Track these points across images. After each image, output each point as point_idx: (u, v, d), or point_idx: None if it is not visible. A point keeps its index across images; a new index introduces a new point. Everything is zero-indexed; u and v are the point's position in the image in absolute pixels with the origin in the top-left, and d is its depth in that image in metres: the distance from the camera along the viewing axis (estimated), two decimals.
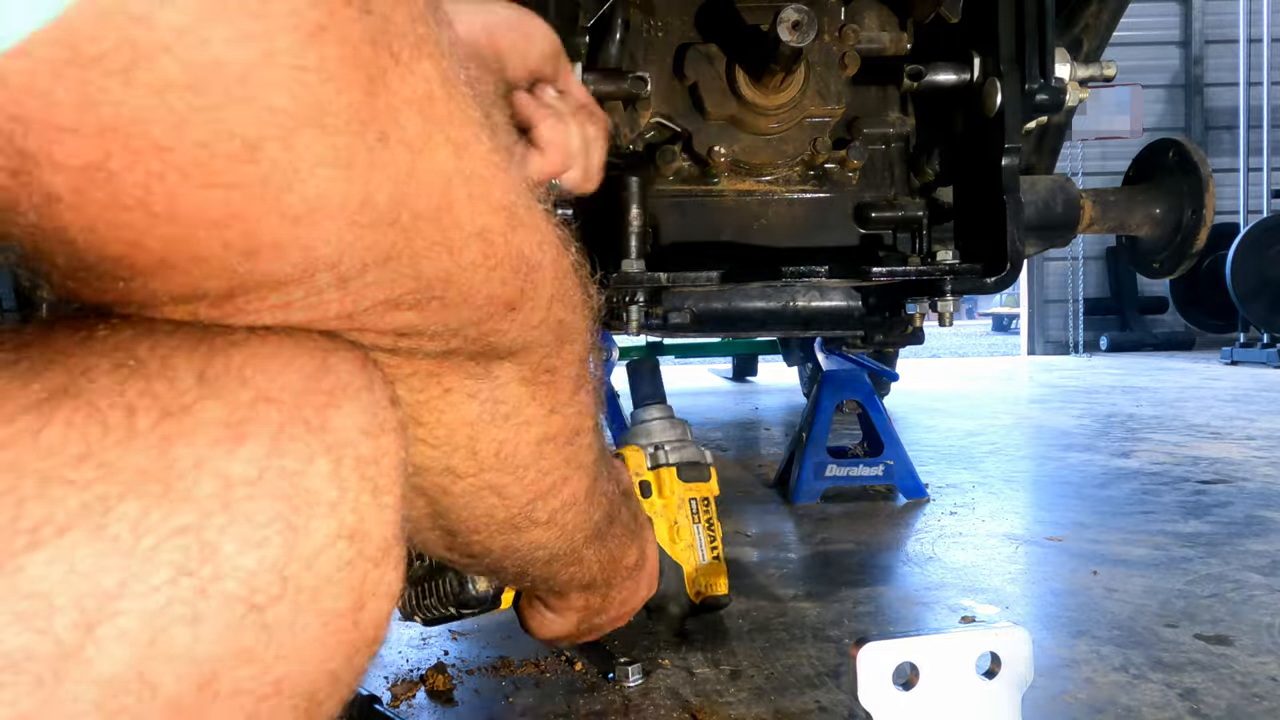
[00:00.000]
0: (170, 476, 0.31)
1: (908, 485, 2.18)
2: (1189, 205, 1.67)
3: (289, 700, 0.35)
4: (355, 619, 0.36)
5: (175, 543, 0.31)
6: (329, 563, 0.35)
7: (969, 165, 1.37)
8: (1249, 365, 6.94)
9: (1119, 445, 3.01)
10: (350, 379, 0.37)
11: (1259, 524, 1.85)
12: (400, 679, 1.12)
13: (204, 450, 0.32)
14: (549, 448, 0.56)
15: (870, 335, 1.70)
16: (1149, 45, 9.72)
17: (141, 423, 0.31)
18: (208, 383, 0.33)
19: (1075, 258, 9.80)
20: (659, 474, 1.17)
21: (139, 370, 0.32)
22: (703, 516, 1.18)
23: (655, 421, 1.23)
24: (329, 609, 0.35)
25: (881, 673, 0.67)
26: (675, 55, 1.38)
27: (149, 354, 0.33)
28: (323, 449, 0.35)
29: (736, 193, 1.47)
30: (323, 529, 0.35)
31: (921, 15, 1.39)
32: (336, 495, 0.35)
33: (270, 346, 0.35)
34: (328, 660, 0.36)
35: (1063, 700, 1.02)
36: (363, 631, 0.37)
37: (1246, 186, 8.11)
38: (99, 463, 0.30)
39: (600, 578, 0.77)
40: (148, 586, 0.30)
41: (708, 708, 1.03)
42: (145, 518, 0.31)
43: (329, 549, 0.35)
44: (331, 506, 0.35)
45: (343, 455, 0.36)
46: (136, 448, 0.31)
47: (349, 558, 0.36)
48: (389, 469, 0.38)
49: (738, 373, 6.76)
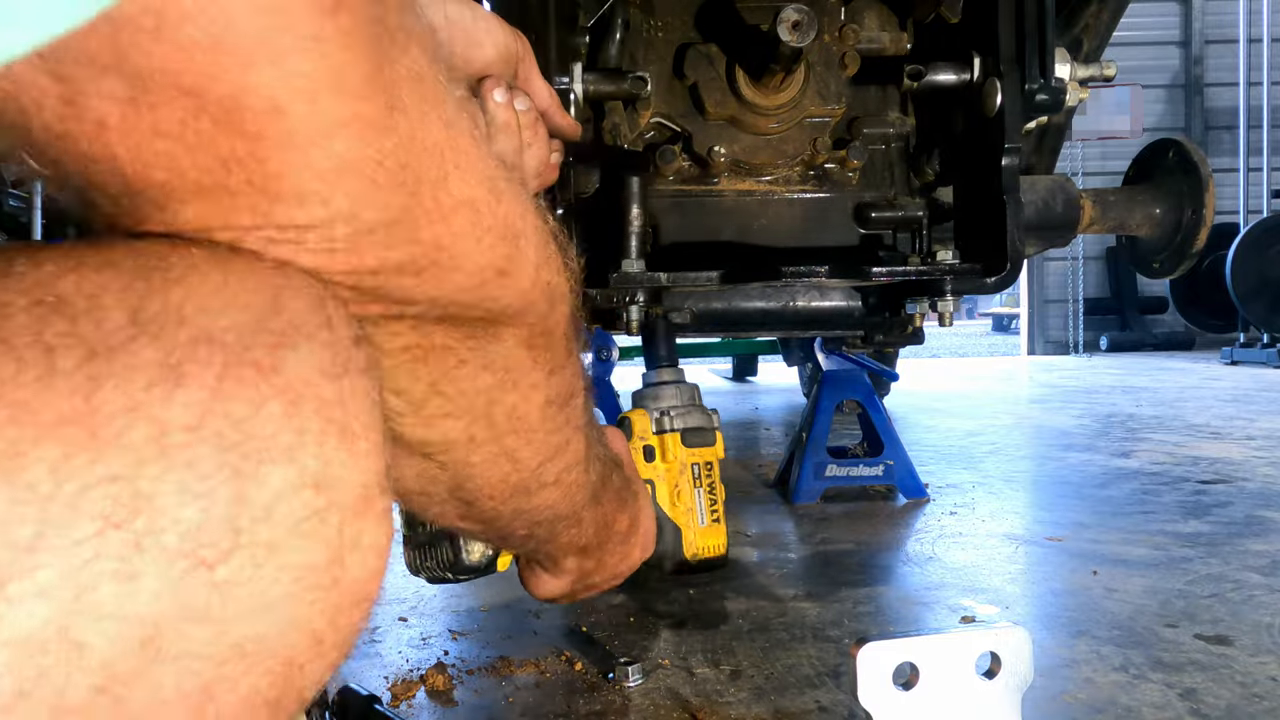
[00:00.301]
0: (95, 421, 0.29)
1: (908, 485, 2.18)
2: (1189, 205, 1.67)
3: (259, 664, 0.32)
4: (334, 575, 0.34)
5: (102, 491, 0.29)
6: (292, 513, 0.32)
7: (969, 165, 1.37)
8: (1249, 365, 6.94)
9: (1119, 445, 3.01)
10: (306, 317, 0.35)
11: (1259, 524, 1.85)
12: (400, 679, 1.12)
13: (137, 394, 0.30)
14: (552, 409, 0.59)
15: (870, 335, 1.70)
16: (1149, 45, 9.72)
17: (63, 363, 0.29)
18: (141, 324, 0.31)
19: (1075, 258, 9.80)
20: (663, 439, 1.19)
21: (60, 308, 0.30)
22: (704, 480, 1.21)
23: (665, 386, 1.25)
24: (298, 563, 0.33)
25: (881, 673, 0.67)
26: (675, 55, 1.38)
27: (74, 291, 0.31)
28: (273, 392, 0.32)
29: (736, 193, 1.47)
30: (278, 476, 0.32)
31: (921, 15, 1.39)
32: (292, 440, 0.33)
33: (212, 284, 0.33)
34: (305, 621, 0.33)
35: (1063, 700, 1.02)
36: (345, 589, 0.34)
37: (1246, 186, 8.12)
38: (10, 402, 0.28)
39: (594, 541, 0.81)
40: (69, 540, 0.28)
41: (708, 708, 1.03)
42: (66, 463, 0.28)
43: (290, 498, 0.32)
44: (287, 452, 0.32)
45: (299, 398, 0.33)
46: (57, 390, 0.29)
47: (317, 508, 0.33)
48: (359, 412, 0.35)
49: (738, 373, 6.76)
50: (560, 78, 1.24)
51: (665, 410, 1.21)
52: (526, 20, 1.26)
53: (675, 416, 1.20)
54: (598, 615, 1.36)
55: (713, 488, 1.21)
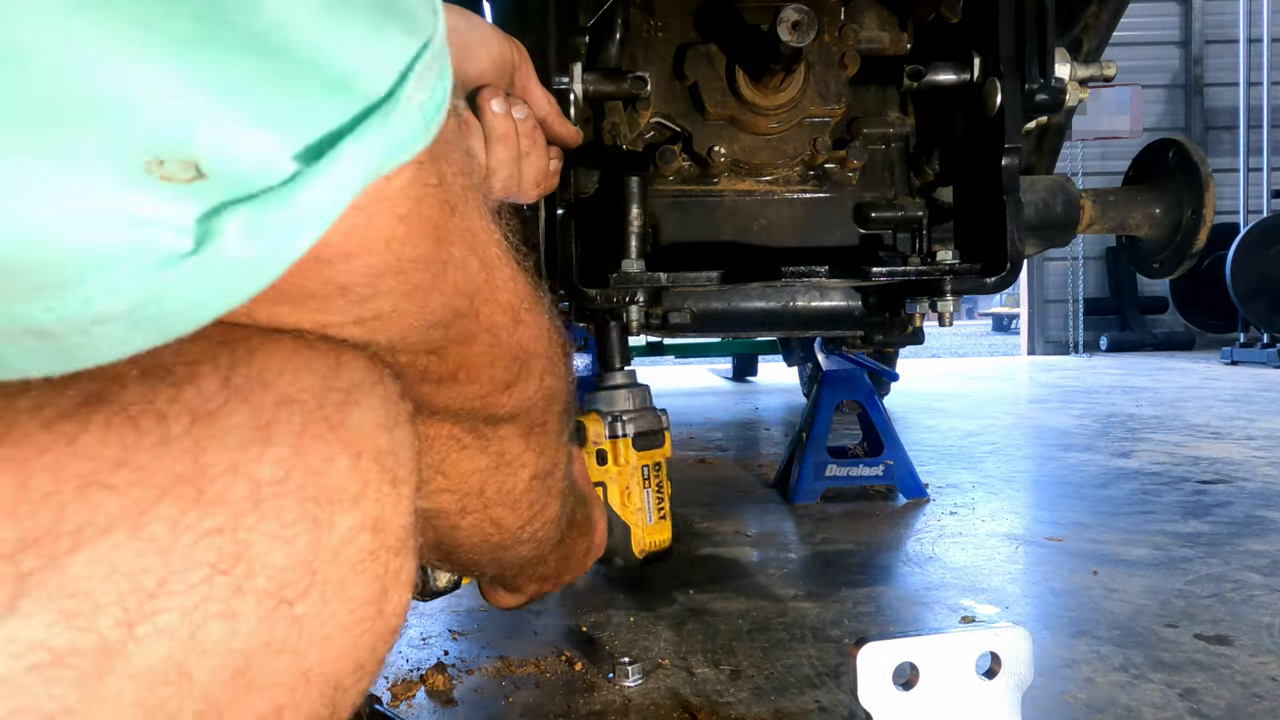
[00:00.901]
0: (203, 480, 0.33)
1: (908, 485, 2.18)
2: (1189, 205, 1.67)
3: (316, 689, 0.36)
4: (380, 607, 0.38)
5: (210, 542, 0.32)
6: (354, 554, 0.37)
7: (969, 165, 1.37)
8: (1249, 365, 6.94)
9: (1119, 445, 3.01)
10: (363, 375, 0.39)
11: (1259, 524, 1.84)
12: (400, 679, 1.12)
13: (235, 454, 0.34)
14: (536, 482, 0.65)
15: (870, 335, 1.70)
16: (1149, 45, 9.72)
17: (174, 428, 0.33)
18: (233, 388, 0.35)
19: (1075, 258, 9.80)
20: (615, 444, 1.23)
21: (167, 377, 0.34)
22: (653, 481, 1.26)
23: (618, 390, 1.28)
24: (356, 597, 0.37)
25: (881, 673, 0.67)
26: (675, 55, 1.38)
27: (174, 360, 0.34)
28: (342, 445, 0.37)
29: (736, 193, 1.47)
30: (346, 522, 0.36)
31: (921, 15, 1.39)
32: (358, 489, 0.37)
33: (286, 350, 0.37)
34: (353, 649, 0.37)
35: (1063, 700, 1.02)
36: (387, 620, 0.39)
37: (1246, 186, 8.11)
38: (135, 467, 0.32)
39: (554, 572, 0.87)
40: (185, 584, 0.32)
41: (708, 708, 1.03)
42: (182, 519, 0.32)
43: (353, 541, 0.36)
44: (354, 500, 0.37)
45: (362, 450, 0.37)
46: (171, 453, 0.33)
47: (372, 548, 0.37)
48: (405, 460, 0.40)
49: (738, 373, 6.76)
50: (560, 78, 1.24)
51: (618, 415, 1.25)
52: (526, 21, 1.26)
53: (628, 421, 1.24)
54: (598, 615, 1.36)
55: (660, 486, 1.26)
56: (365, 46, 0.29)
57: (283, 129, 0.28)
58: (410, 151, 0.33)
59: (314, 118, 0.28)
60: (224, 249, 0.28)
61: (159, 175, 0.26)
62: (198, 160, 0.26)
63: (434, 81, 0.33)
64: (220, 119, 0.26)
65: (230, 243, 0.28)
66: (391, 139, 0.31)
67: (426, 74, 0.32)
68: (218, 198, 0.27)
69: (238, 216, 0.27)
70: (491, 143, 0.87)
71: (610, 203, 1.35)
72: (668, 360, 7.59)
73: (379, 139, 0.30)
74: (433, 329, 0.42)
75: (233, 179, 0.27)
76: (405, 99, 0.31)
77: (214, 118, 0.26)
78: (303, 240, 0.30)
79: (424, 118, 0.33)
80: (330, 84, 0.28)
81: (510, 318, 0.49)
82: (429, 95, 0.33)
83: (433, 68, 0.33)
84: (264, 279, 0.29)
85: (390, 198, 0.34)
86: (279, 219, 0.28)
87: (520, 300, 0.50)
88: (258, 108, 0.27)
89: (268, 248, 0.29)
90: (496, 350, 0.49)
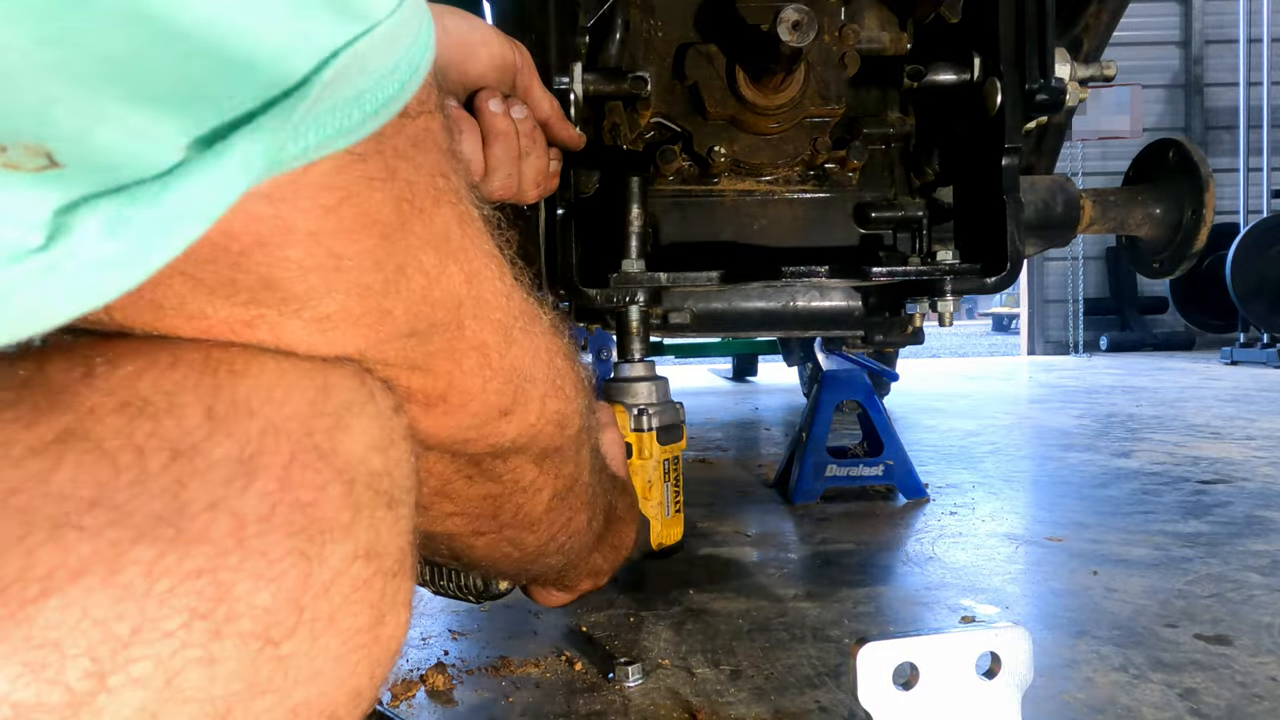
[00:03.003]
0: (183, 520, 0.31)
1: (908, 485, 2.18)
2: (1189, 205, 1.67)
3: None
4: (376, 634, 0.37)
5: (189, 586, 0.31)
6: (346, 585, 0.35)
7: (969, 165, 1.37)
8: (1249, 365, 6.94)
9: (1119, 445, 3.01)
10: (353, 395, 0.37)
11: (1259, 524, 1.84)
12: (400, 679, 1.12)
13: (217, 490, 0.32)
14: (556, 501, 0.62)
15: (870, 335, 1.70)
16: (1149, 45, 9.72)
17: (152, 464, 0.31)
18: (216, 419, 0.33)
19: (1075, 258, 9.80)
20: (640, 437, 1.22)
21: (145, 409, 0.32)
22: (672, 474, 1.25)
23: (640, 383, 1.27)
24: (349, 628, 0.35)
25: (881, 673, 0.67)
26: (675, 55, 1.38)
27: (153, 390, 0.33)
28: (334, 474, 0.35)
29: (736, 193, 1.47)
30: (339, 553, 0.35)
31: (921, 15, 1.39)
32: (350, 517, 0.35)
33: (271, 374, 0.35)
34: (349, 678, 0.36)
35: (1062, 700, 1.02)
36: (385, 645, 0.37)
37: (1246, 186, 8.11)
38: (110, 506, 0.30)
39: (605, 567, 0.85)
40: (161, 632, 0.30)
41: (708, 708, 1.03)
42: (159, 561, 0.30)
43: (346, 572, 0.35)
44: (346, 530, 0.35)
45: (355, 476, 0.36)
46: (149, 491, 0.31)
47: (366, 576, 0.36)
48: (402, 478, 0.38)
49: (738, 373, 6.76)
50: (560, 78, 1.24)
51: (643, 409, 1.23)
52: (526, 21, 1.26)
53: (653, 415, 1.24)
54: (598, 615, 1.36)
55: (678, 480, 1.26)
56: (277, 27, 0.26)
57: (162, 115, 0.25)
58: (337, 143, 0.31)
59: (202, 103, 0.26)
60: (78, 246, 0.25)
61: (1, 163, 0.23)
62: (49, 148, 0.24)
63: (385, 69, 0.31)
64: (80, 102, 0.23)
65: (87, 239, 0.25)
66: (299, 129, 0.28)
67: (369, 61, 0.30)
68: (79, 190, 0.25)
69: (99, 211, 0.25)
70: (490, 142, 0.87)
71: (610, 203, 1.35)
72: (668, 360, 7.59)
73: (278, 129, 0.27)
74: (407, 340, 0.40)
75: (97, 170, 0.25)
76: (325, 86, 0.28)
77: (73, 100, 0.23)
78: (177, 239, 0.27)
79: (361, 108, 0.30)
80: (228, 64, 0.25)
81: (501, 336, 0.46)
82: (373, 84, 0.30)
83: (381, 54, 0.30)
84: (129, 280, 0.27)
85: (309, 188, 0.32)
86: (148, 215, 0.26)
87: (513, 318, 0.48)
88: (130, 89, 0.24)
89: (132, 246, 0.26)
90: (488, 371, 0.46)
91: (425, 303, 0.39)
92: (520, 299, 0.48)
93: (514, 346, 0.48)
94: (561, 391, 0.55)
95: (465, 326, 0.43)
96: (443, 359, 0.43)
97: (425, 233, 0.38)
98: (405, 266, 0.38)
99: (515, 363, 0.48)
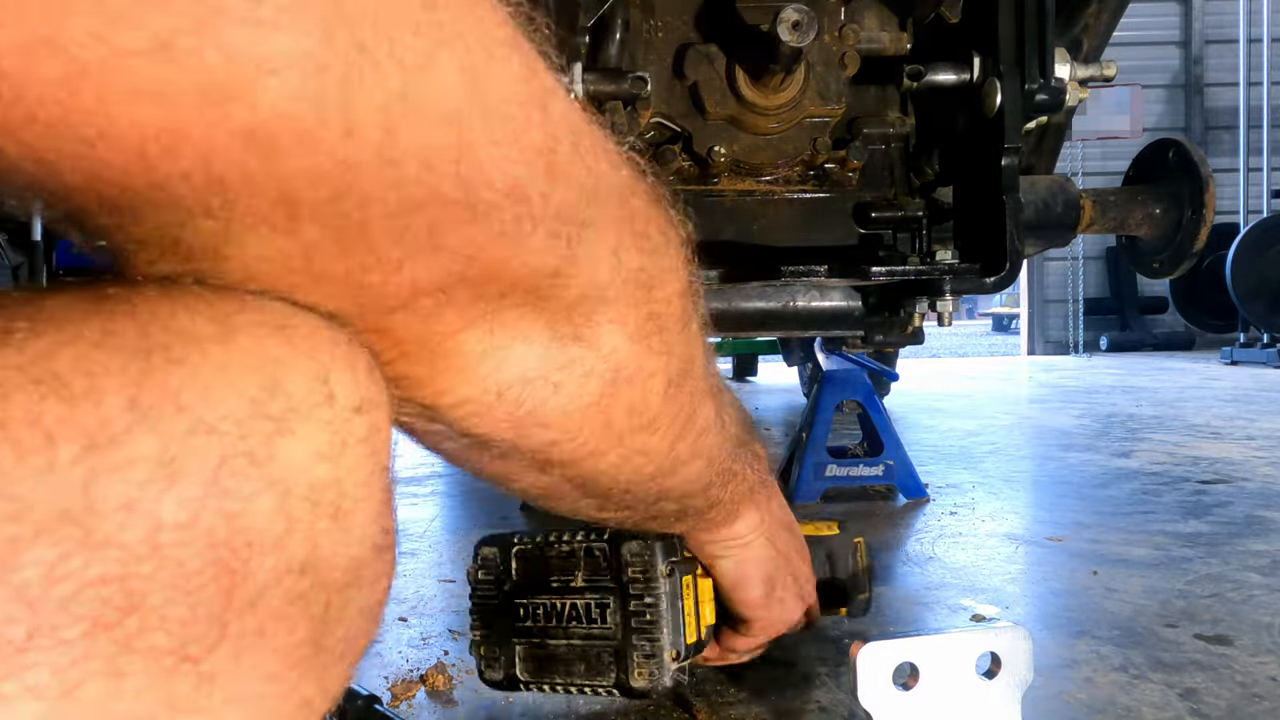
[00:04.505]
0: (92, 519, 0.28)
1: (908, 485, 2.18)
2: (1189, 205, 1.67)
3: None
4: (319, 645, 0.34)
5: (94, 593, 0.28)
6: (277, 599, 0.32)
7: (969, 165, 1.37)
8: (1249, 365, 6.94)
9: (1119, 445, 3.01)
10: (304, 398, 0.33)
11: (1259, 524, 1.84)
12: (400, 679, 1.12)
13: (132, 491, 0.29)
14: (673, 389, 0.52)
15: (870, 335, 1.70)
16: (1149, 45, 9.72)
17: (62, 454, 0.28)
18: (140, 411, 0.29)
19: (1075, 258, 9.81)
20: None
21: (61, 390, 0.28)
22: None
23: None
24: (284, 645, 0.32)
25: (881, 673, 0.67)
26: (675, 55, 1.38)
27: (71, 369, 0.29)
28: (267, 483, 0.31)
29: (736, 192, 1.47)
30: (267, 567, 0.31)
31: (921, 15, 1.39)
32: (283, 530, 0.32)
33: (213, 365, 0.31)
34: (291, 693, 0.33)
35: (1062, 700, 1.02)
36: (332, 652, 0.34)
37: (1246, 186, 8.12)
38: (11, 498, 0.27)
39: (757, 479, 0.74)
40: (57, 640, 0.27)
41: (708, 707, 1.03)
42: (62, 564, 0.27)
43: (276, 585, 0.32)
44: (277, 542, 0.32)
45: (291, 487, 0.32)
46: (56, 483, 0.27)
47: (302, 590, 0.33)
48: (354, 485, 0.34)
49: (738, 373, 6.76)
50: (560, 78, 1.25)
51: None
52: None
53: None
54: None
55: None
56: None
57: None
58: None
59: None
60: None
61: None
62: None
63: None
64: None
65: None
66: None
67: None
68: None
69: None
70: None
71: None
72: None
73: None
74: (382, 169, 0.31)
75: None
76: None
77: None
78: None
79: None
80: None
81: (542, 166, 0.36)
82: None
83: None
84: None
85: None
86: None
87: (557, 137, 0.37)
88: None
89: None
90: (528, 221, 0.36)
91: (406, 109, 0.31)
92: (564, 108, 0.38)
93: (560, 181, 0.38)
94: (641, 244, 0.45)
95: (477, 152, 0.34)
96: (453, 218, 0.35)
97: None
98: (367, 44, 0.29)
99: (563, 205, 0.38)
